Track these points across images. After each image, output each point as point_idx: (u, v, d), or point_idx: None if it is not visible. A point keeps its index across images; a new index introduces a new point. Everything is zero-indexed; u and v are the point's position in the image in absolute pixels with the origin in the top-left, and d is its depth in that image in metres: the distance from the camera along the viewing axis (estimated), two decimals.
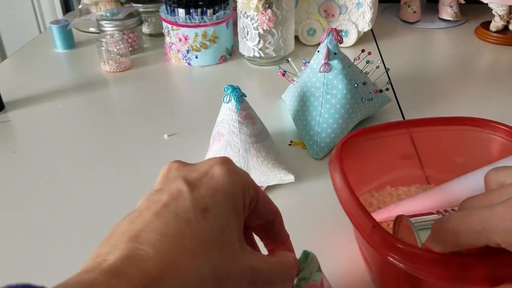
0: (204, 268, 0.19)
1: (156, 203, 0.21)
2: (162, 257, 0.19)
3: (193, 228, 0.20)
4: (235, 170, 0.23)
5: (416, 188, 0.48)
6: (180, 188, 0.22)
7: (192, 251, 0.19)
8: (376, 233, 0.31)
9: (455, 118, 0.47)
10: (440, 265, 0.27)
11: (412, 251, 0.29)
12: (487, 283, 0.26)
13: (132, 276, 0.18)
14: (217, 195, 0.22)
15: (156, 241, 0.19)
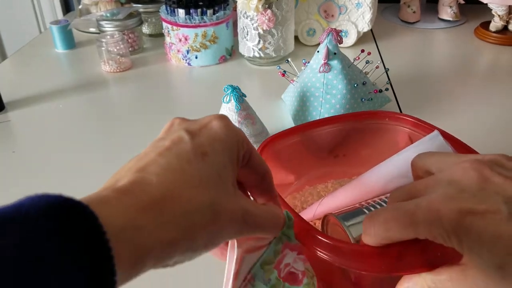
0: (203, 199, 0.21)
1: (159, 147, 0.23)
2: (165, 185, 0.21)
3: (193, 166, 0.22)
4: (231, 125, 0.26)
5: (332, 184, 0.50)
6: (182, 136, 0.24)
7: (192, 184, 0.22)
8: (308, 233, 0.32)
9: (356, 113, 0.51)
10: (376, 255, 0.29)
11: (345, 246, 0.30)
12: (424, 267, 0.28)
13: (139, 195, 0.20)
14: (215, 144, 0.24)
15: (160, 172, 0.21)
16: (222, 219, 0.22)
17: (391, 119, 0.48)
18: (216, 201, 0.22)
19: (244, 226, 0.24)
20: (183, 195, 0.21)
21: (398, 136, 0.48)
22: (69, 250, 0.16)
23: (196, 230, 0.21)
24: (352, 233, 0.35)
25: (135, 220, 0.19)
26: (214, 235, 0.22)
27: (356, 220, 0.36)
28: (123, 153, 0.62)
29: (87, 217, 0.17)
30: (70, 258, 0.16)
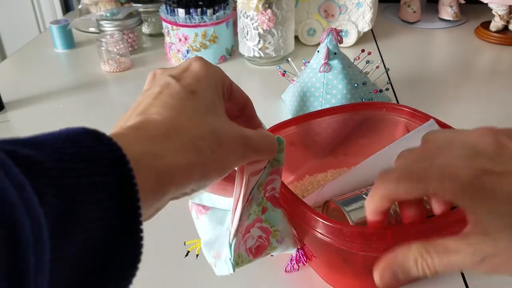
0: (203, 127, 0.24)
1: (151, 94, 0.25)
2: (167, 120, 0.23)
3: (186, 103, 0.24)
4: (210, 64, 0.27)
5: (331, 173, 0.51)
6: (168, 81, 0.25)
7: (190, 116, 0.24)
8: (314, 218, 0.34)
9: (354, 104, 0.52)
10: (375, 237, 0.32)
11: (345, 228, 0.33)
12: None
13: (148, 129, 0.22)
14: (201, 82, 0.26)
15: (159, 111, 0.23)
16: (225, 144, 0.24)
17: (388, 110, 0.48)
18: (215, 127, 0.24)
19: (246, 150, 0.26)
20: (185, 126, 0.23)
21: (395, 126, 0.49)
22: (97, 172, 0.18)
23: (205, 154, 0.23)
24: (352, 217, 0.37)
25: (151, 148, 0.21)
26: (223, 159, 0.24)
27: (355, 206, 0.37)
28: None
29: (112, 147, 0.19)
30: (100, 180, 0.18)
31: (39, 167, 0.17)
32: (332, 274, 0.42)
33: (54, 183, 0.17)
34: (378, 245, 0.33)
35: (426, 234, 0.33)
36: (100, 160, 0.18)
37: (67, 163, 0.18)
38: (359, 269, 0.40)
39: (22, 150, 0.17)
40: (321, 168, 0.52)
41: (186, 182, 0.22)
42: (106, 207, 0.18)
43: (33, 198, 0.16)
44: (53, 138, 0.19)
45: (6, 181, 0.15)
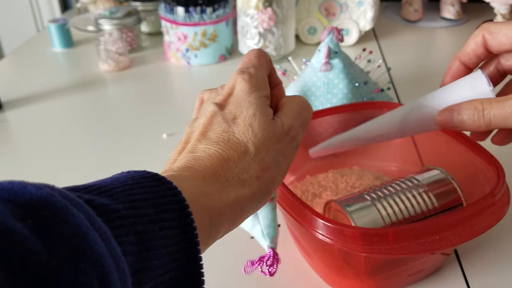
0: (245, 158, 0.25)
1: (198, 126, 0.27)
2: (212, 157, 0.24)
3: (229, 134, 0.25)
4: (252, 82, 0.27)
5: (332, 173, 0.50)
6: (213, 110, 0.27)
7: (233, 149, 0.25)
8: (315, 219, 0.34)
9: (356, 104, 0.52)
10: (376, 237, 0.32)
11: (346, 229, 0.33)
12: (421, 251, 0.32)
13: (196, 169, 0.23)
14: (242, 104, 0.27)
15: (206, 149, 0.25)
16: (269, 161, 0.25)
17: (390, 109, 0.48)
18: (257, 151, 0.25)
19: (295, 150, 0.27)
20: (229, 161, 0.24)
21: None
22: (165, 217, 0.19)
23: (251, 184, 0.24)
24: (354, 218, 0.36)
25: (203, 188, 0.22)
26: (273, 176, 0.25)
27: (358, 206, 0.37)
28: (121, 152, 0.61)
29: (174, 190, 0.20)
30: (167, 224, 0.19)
31: (116, 216, 0.17)
32: (333, 275, 0.41)
33: (131, 231, 0.18)
34: (379, 246, 0.32)
35: (427, 235, 0.32)
36: (166, 205, 0.19)
37: (139, 210, 0.18)
38: (360, 270, 0.39)
39: (98, 199, 0.18)
40: (322, 168, 0.51)
41: (238, 215, 0.24)
42: (172, 251, 0.19)
43: (117, 248, 0.16)
44: (120, 183, 0.20)
45: (95, 233, 0.15)
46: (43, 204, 0.15)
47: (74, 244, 0.15)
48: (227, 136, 0.25)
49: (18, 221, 0.14)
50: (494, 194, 0.35)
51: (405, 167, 0.49)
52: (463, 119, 0.30)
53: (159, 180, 0.20)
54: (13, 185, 0.16)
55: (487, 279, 0.41)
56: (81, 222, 0.15)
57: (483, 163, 0.40)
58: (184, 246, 0.19)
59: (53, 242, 0.14)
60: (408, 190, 0.39)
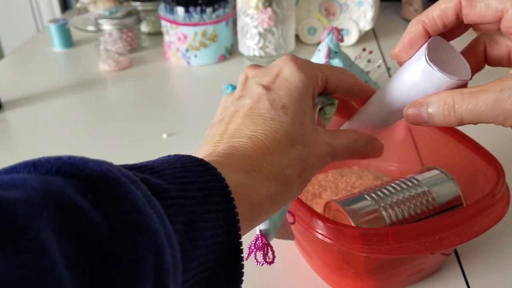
0: (291, 153, 0.24)
1: (242, 107, 0.25)
2: (257, 146, 0.23)
3: (277, 123, 0.24)
4: (302, 67, 0.26)
5: (332, 173, 0.50)
6: (259, 92, 0.25)
7: (279, 141, 0.24)
8: (315, 219, 0.34)
9: None
10: (375, 238, 0.32)
11: (346, 229, 0.33)
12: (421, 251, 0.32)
13: (240, 158, 0.23)
14: (292, 93, 0.25)
15: (251, 135, 0.24)
16: (310, 162, 0.24)
17: None
18: (303, 149, 0.24)
19: (329, 159, 0.26)
20: (274, 153, 0.23)
21: (396, 126, 0.49)
22: (210, 201, 0.19)
23: (292, 181, 0.24)
24: (354, 218, 0.36)
25: (245, 179, 0.22)
26: (307, 180, 0.25)
27: (358, 206, 0.37)
28: (122, 152, 0.61)
29: (218, 176, 0.20)
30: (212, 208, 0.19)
31: (167, 195, 0.18)
32: (333, 275, 0.41)
33: (180, 211, 0.18)
34: (379, 246, 0.32)
35: (427, 235, 0.33)
36: (211, 189, 0.20)
37: (187, 192, 0.19)
38: (360, 270, 0.39)
39: (152, 179, 0.18)
40: None
41: (274, 210, 0.23)
42: (216, 234, 0.19)
43: (169, 226, 0.17)
44: (170, 166, 0.20)
45: (151, 210, 0.16)
46: (104, 180, 0.16)
47: (132, 219, 0.15)
48: (275, 125, 0.24)
49: (80, 195, 0.15)
50: (494, 194, 0.35)
51: (405, 167, 0.50)
52: (433, 115, 0.26)
53: (204, 165, 0.21)
54: (74, 159, 0.17)
55: (487, 279, 0.41)
56: (139, 199, 0.16)
57: (483, 163, 0.40)
58: (226, 230, 0.20)
59: (112, 216, 0.15)
60: (408, 190, 0.39)
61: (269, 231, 0.27)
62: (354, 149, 0.27)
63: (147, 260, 0.15)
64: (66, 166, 0.17)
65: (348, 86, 0.28)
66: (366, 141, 0.27)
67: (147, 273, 0.15)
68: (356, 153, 0.27)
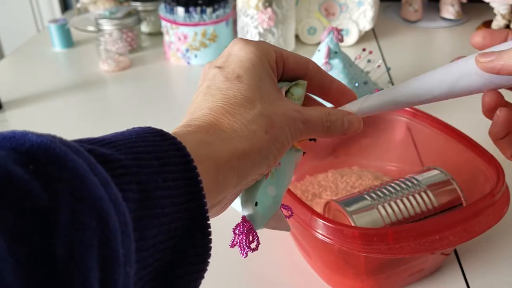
0: (253, 110, 0.24)
1: (201, 90, 0.26)
2: (216, 111, 0.24)
3: (234, 90, 0.25)
4: (251, 42, 0.27)
5: (332, 173, 0.50)
6: (214, 72, 0.26)
7: (238, 103, 0.24)
8: (315, 219, 0.34)
9: None
10: (376, 238, 0.32)
11: (346, 229, 0.33)
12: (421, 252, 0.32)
13: (200, 123, 0.23)
14: (244, 64, 0.26)
15: (209, 106, 0.24)
16: (278, 122, 0.24)
17: None
18: (266, 108, 0.24)
19: (301, 124, 0.25)
20: (236, 113, 0.24)
21: (396, 126, 0.49)
22: (169, 170, 0.19)
23: (259, 136, 0.23)
24: (354, 218, 0.36)
25: (205, 138, 0.22)
26: (278, 138, 0.24)
27: (357, 206, 0.37)
28: None
29: (178, 145, 0.20)
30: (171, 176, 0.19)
31: (118, 165, 0.18)
32: (333, 275, 0.41)
33: (133, 180, 0.18)
34: (379, 246, 0.32)
35: (427, 235, 0.33)
36: (170, 158, 0.20)
37: (142, 161, 0.19)
38: (360, 270, 0.39)
39: (101, 149, 0.18)
40: (322, 168, 0.51)
41: (249, 168, 0.23)
42: (177, 202, 0.19)
43: (117, 193, 0.17)
44: (124, 137, 0.20)
45: (94, 178, 0.16)
46: (44, 151, 0.16)
47: (72, 186, 0.15)
48: (232, 93, 0.24)
49: (19, 167, 0.15)
50: (493, 194, 0.35)
51: (404, 167, 0.50)
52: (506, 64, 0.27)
53: (163, 135, 0.21)
54: (14, 133, 0.17)
55: (487, 279, 0.41)
56: (80, 166, 0.16)
57: (483, 163, 0.40)
58: (189, 198, 0.20)
59: (52, 186, 0.15)
60: (408, 190, 0.39)
61: (255, 217, 0.26)
62: (329, 122, 0.27)
63: (89, 227, 0.15)
64: (5, 140, 0.16)
65: (305, 60, 0.29)
66: (342, 115, 0.27)
67: (89, 239, 0.15)
68: (332, 128, 0.27)
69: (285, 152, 0.25)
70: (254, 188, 0.27)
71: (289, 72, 0.28)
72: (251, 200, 0.26)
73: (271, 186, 0.27)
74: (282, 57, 0.28)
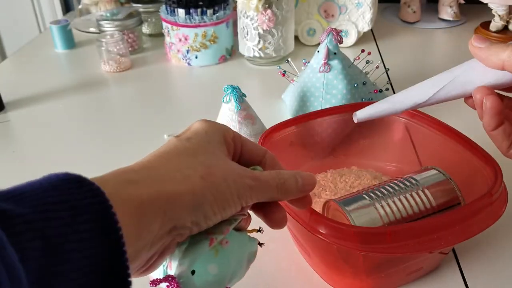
0: (192, 159, 0.24)
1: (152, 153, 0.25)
2: (154, 157, 0.24)
3: (178, 147, 0.24)
4: (212, 121, 0.27)
5: (331, 173, 0.51)
6: (169, 139, 0.26)
7: (179, 153, 0.24)
8: (315, 218, 0.34)
9: (354, 104, 0.52)
10: (373, 237, 0.32)
11: (345, 228, 0.33)
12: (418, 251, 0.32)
13: (130, 167, 0.22)
14: (198, 132, 0.26)
15: (150, 158, 0.24)
16: (217, 173, 0.23)
17: None
18: (207, 159, 0.24)
19: (250, 180, 0.24)
20: (172, 159, 0.23)
21: (395, 126, 0.50)
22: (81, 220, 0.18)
23: (194, 181, 0.22)
24: (353, 217, 0.36)
25: (131, 177, 0.21)
26: (217, 188, 0.23)
27: (356, 206, 0.37)
28: (122, 153, 0.61)
29: (94, 192, 0.19)
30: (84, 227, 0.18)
31: (20, 221, 0.17)
32: (332, 274, 0.41)
33: (37, 235, 0.17)
34: (378, 245, 0.33)
35: (425, 234, 0.33)
36: (84, 207, 0.18)
37: (49, 213, 0.17)
38: (359, 269, 0.40)
39: (1, 205, 0.17)
40: (321, 168, 0.52)
41: (178, 210, 0.21)
42: (90, 254, 0.18)
43: (13, 255, 0.15)
44: (34, 187, 0.19)
45: None
46: None
47: None
48: (176, 148, 0.24)
49: None
50: (491, 194, 0.36)
51: (403, 167, 0.50)
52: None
53: (79, 182, 0.19)
54: None
55: (485, 278, 0.42)
56: None
57: (480, 162, 0.40)
58: (104, 249, 0.18)
59: None
60: (406, 189, 0.39)
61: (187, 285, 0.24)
62: (282, 179, 0.26)
63: None
64: None
65: (263, 149, 0.28)
66: (293, 173, 0.27)
67: None
68: (287, 185, 0.26)
69: (228, 208, 0.23)
70: (194, 252, 0.24)
71: (245, 155, 0.28)
72: (187, 263, 0.24)
73: (213, 264, 0.25)
74: (240, 139, 0.28)
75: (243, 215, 0.27)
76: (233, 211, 0.24)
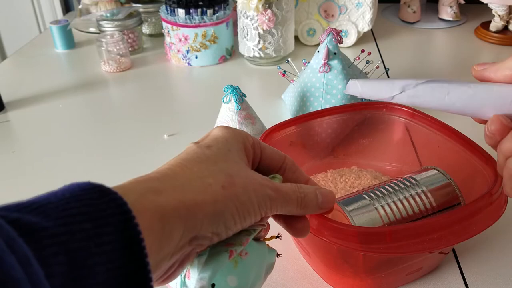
0: (213, 168, 0.23)
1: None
2: (176, 165, 0.23)
3: (199, 153, 0.24)
4: (232, 128, 0.27)
5: (331, 173, 0.51)
6: (189, 146, 0.26)
7: (200, 161, 0.24)
8: (314, 218, 0.34)
9: (354, 104, 0.51)
10: (375, 237, 0.32)
11: (343, 228, 0.33)
12: (419, 251, 0.32)
13: (151, 176, 0.22)
14: (218, 139, 0.26)
15: (171, 164, 0.24)
16: (239, 181, 0.23)
17: (388, 110, 0.49)
18: (228, 167, 0.24)
19: (270, 191, 0.24)
20: (193, 167, 0.23)
21: (395, 126, 0.50)
22: (104, 232, 0.18)
23: (215, 190, 0.22)
24: (353, 217, 0.36)
25: (154, 186, 0.21)
26: (238, 198, 0.23)
27: (356, 205, 0.37)
28: (122, 153, 0.61)
29: (117, 201, 0.19)
30: (107, 239, 0.18)
31: (45, 234, 0.16)
32: (332, 274, 0.42)
33: (61, 250, 0.16)
34: (378, 245, 0.33)
35: (425, 234, 0.33)
36: (107, 218, 0.18)
37: (73, 225, 0.17)
38: (359, 269, 0.40)
39: (26, 218, 0.17)
40: (321, 168, 0.52)
41: (199, 220, 0.21)
42: (113, 267, 0.18)
43: (39, 271, 0.15)
44: (57, 198, 0.18)
45: (11, 256, 0.15)
46: None
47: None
48: (197, 155, 0.24)
49: None
50: (491, 194, 0.36)
51: (403, 167, 0.50)
52: None
53: (102, 191, 0.19)
54: None
55: (485, 278, 0.42)
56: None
57: (480, 163, 0.40)
58: (127, 261, 0.18)
59: None
60: (406, 189, 0.39)
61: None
62: (302, 193, 0.26)
63: None
64: None
65: (283, 155, 0.28)
66: (314, 188, 0.27)
67: None
68: (306, 200, 0.26)
69: (248, 218, 0.23)
70: (214, 264, 0.24)
71: (265, 161, 0.28)
72: (208, 277, 0.24)
73: (232, 276, 0.25)
74: (260, 145, 0.28)
75: (263, 226, 0.27)
76: (253, 221, 0.24)
